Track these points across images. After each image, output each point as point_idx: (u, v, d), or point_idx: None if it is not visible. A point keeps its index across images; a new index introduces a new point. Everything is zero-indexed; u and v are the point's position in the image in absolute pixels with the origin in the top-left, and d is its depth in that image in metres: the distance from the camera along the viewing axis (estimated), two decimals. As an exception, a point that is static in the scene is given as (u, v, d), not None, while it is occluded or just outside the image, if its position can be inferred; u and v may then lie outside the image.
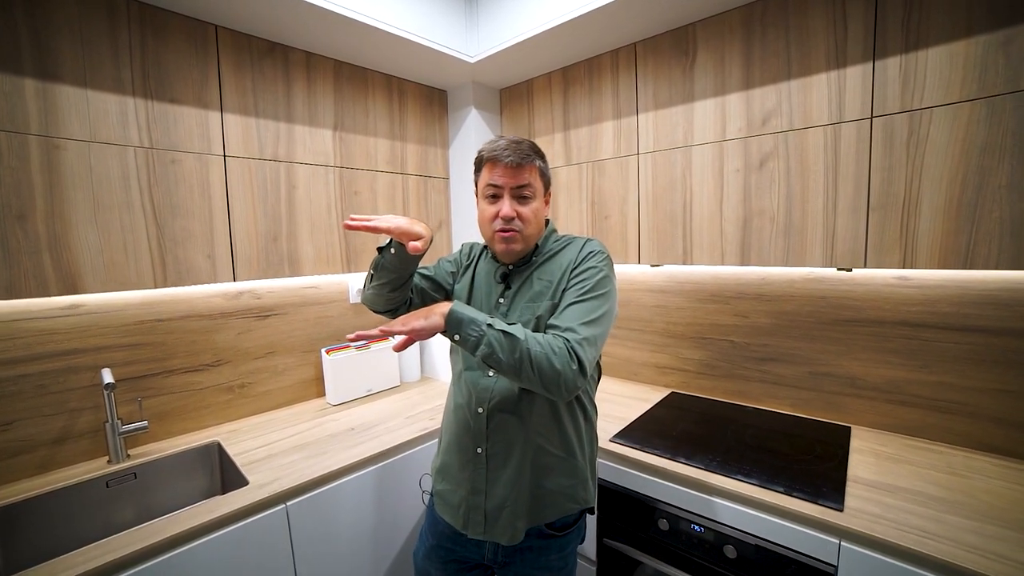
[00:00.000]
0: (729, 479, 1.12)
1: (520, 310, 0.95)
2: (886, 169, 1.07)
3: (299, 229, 1.53)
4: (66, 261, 1.05)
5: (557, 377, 0.80)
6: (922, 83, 1.00)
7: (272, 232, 1.47)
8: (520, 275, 0.99)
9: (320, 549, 1.20)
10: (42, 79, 0.99)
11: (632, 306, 1.84)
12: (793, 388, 1.50)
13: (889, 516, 0.94)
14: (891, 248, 1.08)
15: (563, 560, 0.98)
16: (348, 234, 1.65)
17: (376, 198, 1.75)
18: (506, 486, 0.92)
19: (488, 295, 1.01)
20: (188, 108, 1.20)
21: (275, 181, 1.46)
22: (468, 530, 0.95)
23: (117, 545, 0.93)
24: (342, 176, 1.64)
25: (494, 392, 0.93)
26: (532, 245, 0.99)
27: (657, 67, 1.42)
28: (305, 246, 1.56)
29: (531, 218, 0.94)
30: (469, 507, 0.94)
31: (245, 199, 1.38)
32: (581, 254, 0.95)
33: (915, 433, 1.28)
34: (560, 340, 0.83)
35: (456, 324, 0.82)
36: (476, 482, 0.94)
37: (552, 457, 0.93)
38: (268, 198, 1.45)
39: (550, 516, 0.94)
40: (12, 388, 1.18)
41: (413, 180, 1.87)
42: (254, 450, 1.34)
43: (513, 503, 0.92)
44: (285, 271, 1.51)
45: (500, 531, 0.92)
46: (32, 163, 0.99)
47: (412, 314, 0.82)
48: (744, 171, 1.29)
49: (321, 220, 1.59)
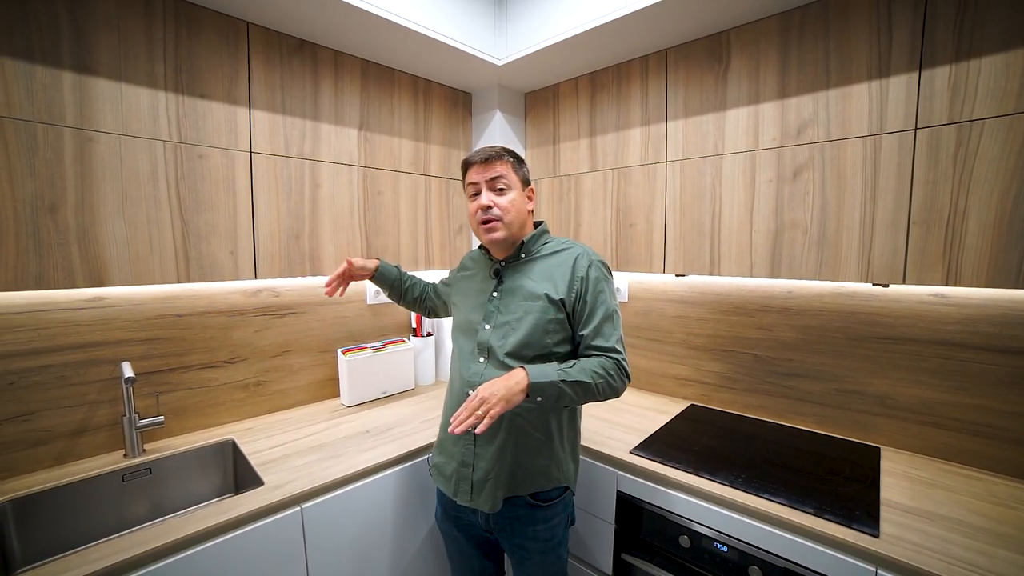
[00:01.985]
0: (756, 497, 1.09)
1: (513, 307, 1.05)
2: (930, 182, 1.03)
3: (321, 228, 1.53)
4: (93, 254, 1.05)
5: (616, 394, 1.00)
6: (973, 94, 0.97)
7: (295, 230, 1.46)
8: (511, 272, 1.09)
9: (334, 553, 1.18)
10: (79, 72, 1.00)
11: (652, 316, 1.81)
12: (818, 405, 1.45)
13: (931, 546, 0.89)
14: (933, 264, 1.04)
15: (550, 532, 1.08)
16: (369, 234, 1.66)
17: (398, 199, 1.74)
18: (490, 460, 1.03)
19: (481, 291, 1.12)
20: (217, 104, 1.20)
21: (300, 179, 1.46)
22: (458, 497, 1.07)
23: (133, 542, 0.92)
24: (366, 176, 1.64)
25: (483, 377, 1.03)
26: (517, 236, 1.08)
27: (689, 74, 1.40)
28: (327, 245, 1.55)
29: (509, 207, 1.04)
30: (459, 477, 1.06)
31: (269, 196, 1.38)
32: (589, 269, 1.04)
33: (951, 458, 1.23)
34: (611, 362, 0.99)
35: (537, 392, 0.93)
36: (465, 456, 1.06)
37: (532, 439, 1.04)
38: (292, 196, 1.44)
39: (524, 490, 1.04)
40: (35, 378, 1.18)
41: (435, 182, 1.86)
42: (269, 450, 1.33)
43: (495, 476, 1.02)
44: (306, 269, 1.50)
45: (483, 500, 1.03)
46: (66, 155, 0.99)
47: (494, 400, 0.89)
48: (777, 182, 1.26)
49: (343, 219, 1.58)
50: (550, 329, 1.02)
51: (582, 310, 1.02)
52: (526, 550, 1.09)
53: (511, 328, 1.04)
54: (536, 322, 1.02)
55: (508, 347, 1.03)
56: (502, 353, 1.03)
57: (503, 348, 1.03)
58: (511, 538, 1.09)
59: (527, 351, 1.02)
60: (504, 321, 1.05)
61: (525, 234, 1.10)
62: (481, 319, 1.09)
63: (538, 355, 1.02)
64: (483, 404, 0.89)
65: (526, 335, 1.02)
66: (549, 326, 1.02)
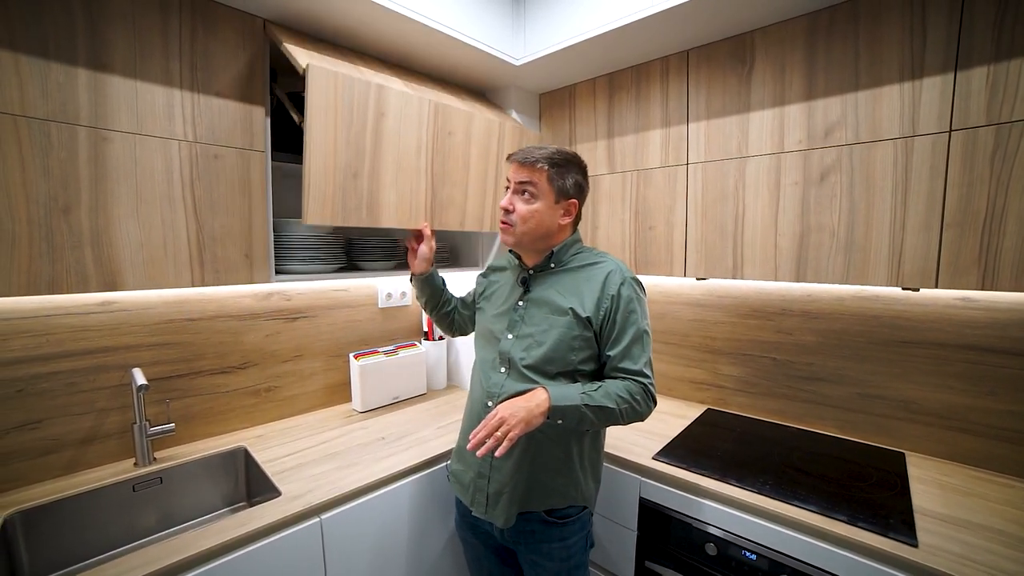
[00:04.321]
0: (786, 504, 1.07)
1: (538, 319, 1.02)
2: (965, 185, 1.02)
3: (383, 168, 1.29)
4: (107, 256, 1.01)
5: (640, 419, 0.99)
6: (1013, 94, 0.95)
7: (353, 167, 1.22)
8: (539, 282, 1.06)
9: (353, 565, 1.15)
10: (94, 69, 0.96)
11: (668, 319, 1.79)
12: (840, 409, 1.44)
13: (976, 558, 0.87)
14: (968, 268, 1.03)
15: (565, 551, 1.04)
16: (436, 184, 1.42)
17: (470, 144, 1.50)
18: (506, 475, 1.01)
19: (508, 297, 1.10)
20: (233, 103, 1.17)
21: (363, 104, 1.21)
22: (473, 508, 1.06)
23: (149, 557, 0.88)
24: (437, 111, 1.38)
25: (504, 388, 1.01)
26: (526, 245, 1.05)
27: (711, 75, 1.38)
28: (387, 191, 1.30)
29: (528, 216, 1.00)
30: (476, 488, 1.05)
31: (327, 119, 1.15)
32: (621, 287, 1.00)
33: (980, 464, 1.21)
34: (638, 387, 0.97)
35: (558, 415, 0.92)
36: (482, 468, 1.04)
37: (550, 456, 1.01)
38: (353, 124, 1.20)
39: (539, 506, 1.02)
40: (44, 385, 1.14)
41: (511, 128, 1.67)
42: (283, 458, 1.29)
43: (510, 491, 1.01)
44: (363, 216, 1.26)
45: (497, 514, 1.02)
46: (80, 155, 0.96)
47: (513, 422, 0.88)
48: (803, 184, 1.24)
49: (408, 161, 1.34)
50: (575, 346, 0.99)
51: (611, 330, 0.98)
52: (542, 568, 1.06)
53: (535, 341, 1.01)
54: (561, 337, 0.99)
55: (530, 360, 1.00)
56: (523, 366, 1.00)
57: (524, 360, 1.00)
58: (527, 553, 1.07)
59: (550, 367, 0.99)
60: (528, 333, 1.02)
61: (551, 245, 1.05)
62: (504, 328, 1.06)
63: (562, 371, 0.99)
64: (503, 425, 0.88)
65: (550, 350, 0.99)
66: (574, 343, 0.99)
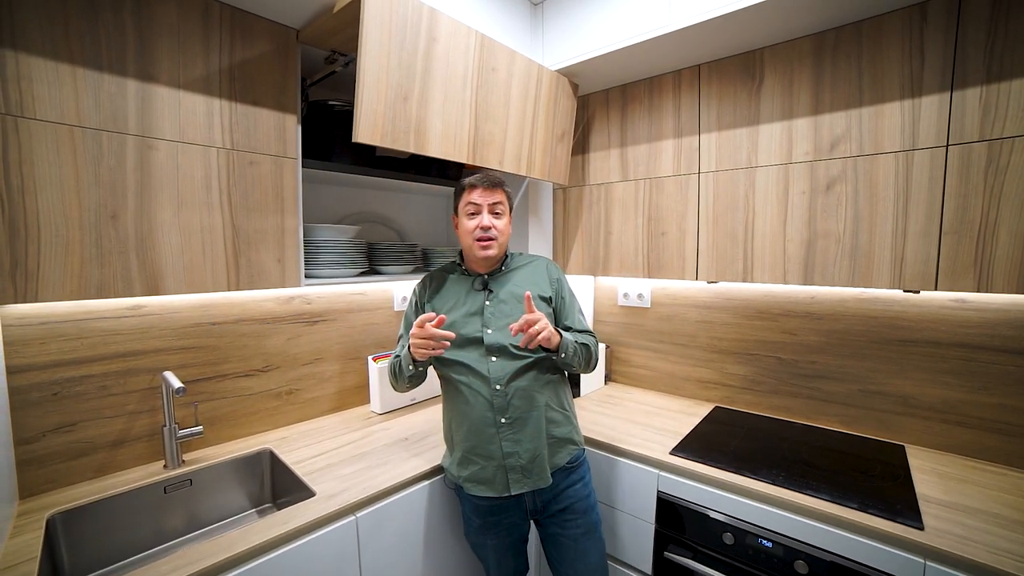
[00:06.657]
0: (800, 494, 1.14)
1: (508, 310, 1.20)
2: (961, 195, 1.10)
3: (432, 94, 1.27)
4: (151, 261, 1.04)
5: (594, 361, 1.27)
6: (1004, 113, 1.04)
7: (404, 89, 1.20)
8: (498, 282, 1.25)
9: (388, 561, 1.18)
10: (142, 80, 0.99)
11: (675, 321, 1.86)
12: (843, 405, 1.52)
13: (976, 538, 0.95)
14: (964, 272, 1.11)
15: (585, 489, 1.24)
16: (479, 119, 1.41)
17: (511, 82, 1.49)
18: (532, 440, 1.15)
19: (470, 303, 1.23)
20: (267, 111, 1.20)
21: (415, 26, 1.20)
22: (511, 489, 1.14)
23: (190, 558, 0.90)
24: (483, 45, 1.37)
25: (504, 370, 1.16)
26: (503, 254, 1.28)
27: (722, 89, 1.45)
28: (434, 119, 1.29)
29: (504, 230, 1.23)
30: (508, 468, 1.14)
31: (381, 36, 1.12)
32: (557, 274, 1.31)
33: (974, 455, 1.30)
34: (592, 339, 1.27)
35: (563, 348, 1.14)
36: (506, 447, 1.14)
37: (555, 412, 1.21)
38: (405, 44, 1.18)
39: (561, 458, 1.19)
40: (77, 388, 1.15)
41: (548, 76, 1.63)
42: (312, 459, 1.32)
43: (541, 454, 1.15)
44: (410, 142, 1.24)
45: (538, 477, 1.15)
46: (127, 163, 0.98)
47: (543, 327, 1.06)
48: (810, 193, 1.32)
49: (455, 92, 1.33)
50: None
51: (561, 304, 1.28)
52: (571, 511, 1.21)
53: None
54: None
55: (517, 341, 1.15)
56: (513, 347, 1.16)
57: (514, 343, 1.16)
58: (554, 504, 1.20)
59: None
60: (504, 324, 1.17)
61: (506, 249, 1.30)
62: (480, 327, 1.19)
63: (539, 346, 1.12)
64: (539, 323, 1.05)
65: None
66: None
